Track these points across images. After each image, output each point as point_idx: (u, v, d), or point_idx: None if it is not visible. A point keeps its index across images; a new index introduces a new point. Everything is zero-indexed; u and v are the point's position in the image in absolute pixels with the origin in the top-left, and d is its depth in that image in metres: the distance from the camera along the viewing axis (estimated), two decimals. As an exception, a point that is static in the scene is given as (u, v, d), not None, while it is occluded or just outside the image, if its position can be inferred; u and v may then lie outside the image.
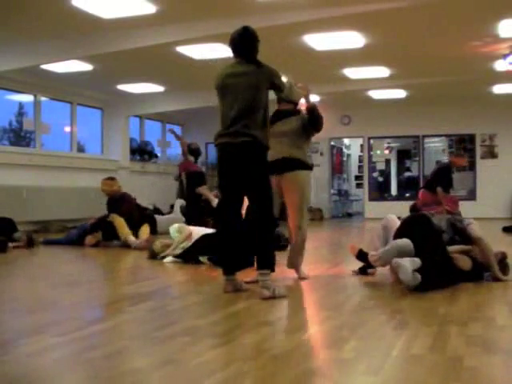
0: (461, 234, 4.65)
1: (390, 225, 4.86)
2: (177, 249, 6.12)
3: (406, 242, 4.28)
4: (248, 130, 4.03)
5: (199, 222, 8.38)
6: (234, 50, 4.24)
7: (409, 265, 3.99)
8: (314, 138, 4.98)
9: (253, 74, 4.12)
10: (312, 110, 4.69)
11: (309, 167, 4.79)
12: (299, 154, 4.70)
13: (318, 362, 2.49)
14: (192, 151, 10.62)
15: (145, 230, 8.04)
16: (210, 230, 6.17)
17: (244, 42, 4.21)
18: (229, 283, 4.16)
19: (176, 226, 6.37)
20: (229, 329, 3.14)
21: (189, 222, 8.57)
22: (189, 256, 5.94)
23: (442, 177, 7.80)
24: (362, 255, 4.74)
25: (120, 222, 7.82)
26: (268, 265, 4.04)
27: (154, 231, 9.64)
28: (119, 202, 8.11)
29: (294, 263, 4.82)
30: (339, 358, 2.58)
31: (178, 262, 5.96)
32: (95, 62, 9.52)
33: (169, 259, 6.06)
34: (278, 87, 4.25)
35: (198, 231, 6.16)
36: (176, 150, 14.78)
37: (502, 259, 4.70)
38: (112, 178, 8.40)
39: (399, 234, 4.53)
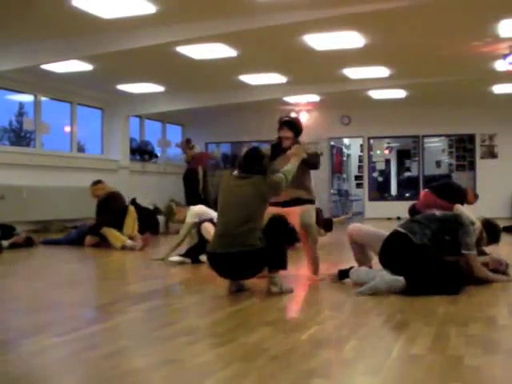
0: (449, 245, 4.31)
1: (355, 234, 4.75)
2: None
3: (397, 279, 4.07)
4: (244, 239, 3.98)
5: None
6: (240, 167, 4.28)
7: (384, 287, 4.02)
8: (314, 138, 5.00)
9: (256, 185, 4.12)
10: (305, 161, 4.68)
11: (313, 202, 4.93)
12: (305, 194, 4.83)
13: (318, 362, 2.49)
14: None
15: (130, 227, 7.83)
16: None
17: (249, 159, 4.26)
18: (233, 283, 4.17)
19: (194, 211, 6.19)
20: (229, 329, 3.15)
21: None
22: (191, 255, 5.90)
23: (462, 197, 7.80)
24: (343, 274, 4.57)
25: (112, 234, 7.60)
26: (278, 265, 4.13)
27: (155, 232, 9.64)
28: (109, 202, 7.96)
29: (312, 268, 4.84)
30: (339, 357, 2.58)
31: (179, 262, 5.92)
32: (95, 61, 9.51)
33: (175, 258, 5.96)
34: (278, 194, 4.30)
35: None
36: (176, 149, 14.80)
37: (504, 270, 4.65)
38: (100, 181, 8.21)
39: (383, 257, 4.39)
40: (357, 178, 18.67)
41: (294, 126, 4.91)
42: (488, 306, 3.82)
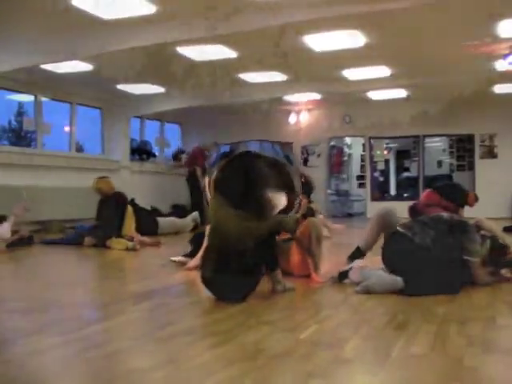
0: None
1: (387, 220, 4.60)
2: None
3: (394, 279, 4.05)
4: (236, 265, 3.87)
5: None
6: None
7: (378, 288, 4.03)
8: (313, 140, 4.99)
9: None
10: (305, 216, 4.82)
11: None
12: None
13: (317, 362, 2.49)
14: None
15: (129, 227, 7.80)
16: None
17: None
18: None
19: None
20: (228, 328, 3.14)
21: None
22: (193, 254, 5.88)
23: (463, 199, 7.79)
24: (343, 275, 4.54)
25: (116, 243, 7.51)
26: (277, 265, 4.18)
27: (155, 233, 9.60)
28: (112, 202, 7.95)
29: (313, 264, 4.83)
30: (339, 357, 2.58)
31: (180, 262, 5.90)
32: (95, 61, 9.51)
33: (179, 258, 5.90)
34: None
35: None
36: (175, 149, 14.80)
37: None
38: (107, 177, 8.22)
39: (384, 257, 4.36)
40: (358, 177, 18.63)
41: (304, 187, 5.07)
42: (488, 305, 3.82)
